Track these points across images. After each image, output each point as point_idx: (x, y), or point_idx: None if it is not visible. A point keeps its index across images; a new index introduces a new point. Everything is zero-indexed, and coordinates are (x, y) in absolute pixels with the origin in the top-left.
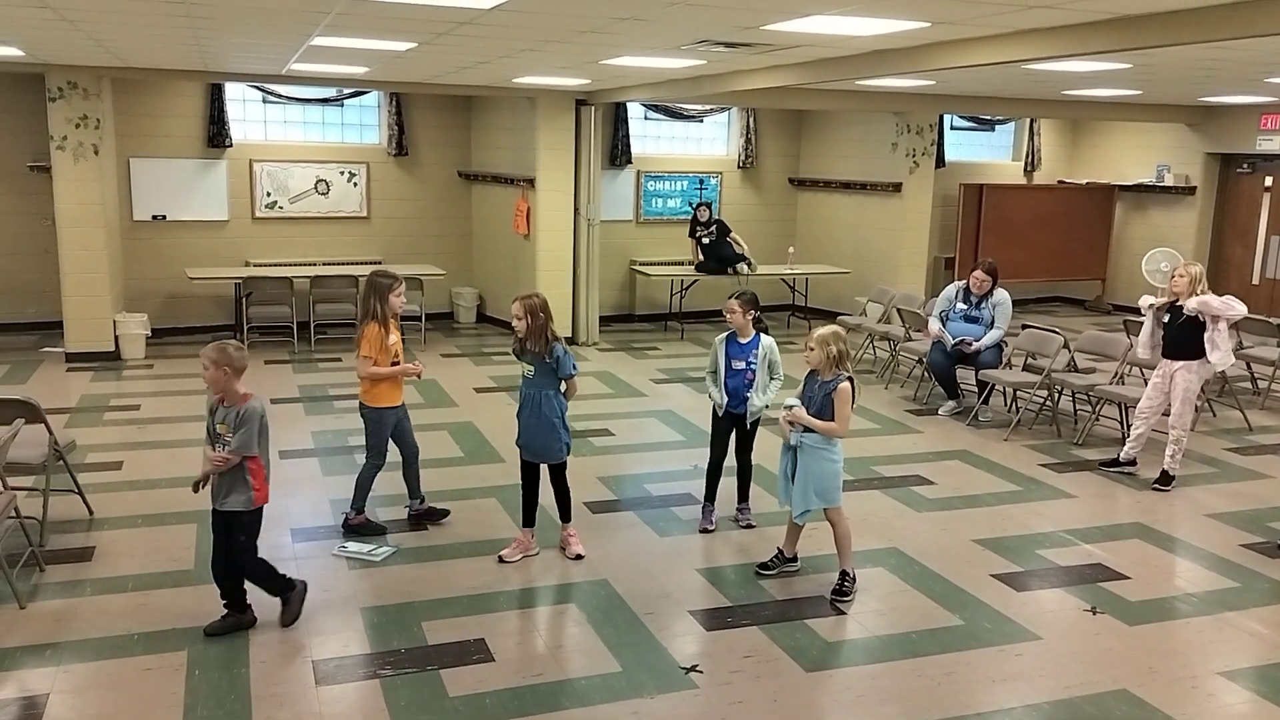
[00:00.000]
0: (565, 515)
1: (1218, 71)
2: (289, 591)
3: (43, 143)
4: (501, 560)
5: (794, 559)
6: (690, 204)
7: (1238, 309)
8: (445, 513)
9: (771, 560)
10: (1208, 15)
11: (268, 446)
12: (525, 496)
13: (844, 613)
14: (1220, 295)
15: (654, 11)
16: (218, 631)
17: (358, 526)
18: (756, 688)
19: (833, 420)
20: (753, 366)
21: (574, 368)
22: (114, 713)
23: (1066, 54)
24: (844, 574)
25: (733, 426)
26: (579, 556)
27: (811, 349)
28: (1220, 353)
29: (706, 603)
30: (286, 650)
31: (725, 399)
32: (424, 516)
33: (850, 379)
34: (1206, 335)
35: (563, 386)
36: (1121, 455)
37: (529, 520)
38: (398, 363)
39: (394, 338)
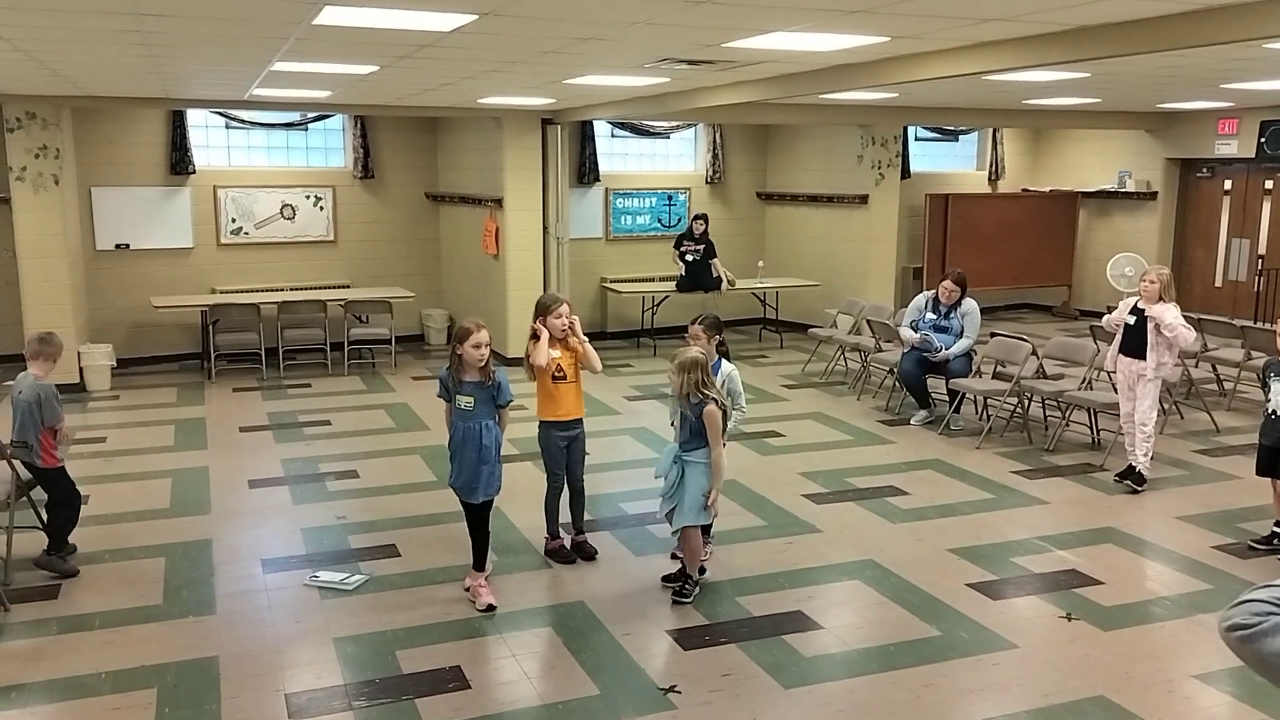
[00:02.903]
0: (481, 562)
1: (1175, 79)
2: None
3: (1, 174)
4: (490, 608)
5: (698, 577)
6: (659, 220)
7: (1185, 336)
8: (593, 554)
9: (687, 589)
10: (1163, 25)
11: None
12: (478, 539)
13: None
14: (1181, 313)
15: (614, 31)
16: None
17: (553, 552)
18: (736, 706)
19: (707, 443)
20: None
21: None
22: None
23: (1025, 65)
24: (688, 578)
25: None
26: (491, 608)
27: (674, 375)
28: (1154, 360)
29: (684, 621)
30: (258, 684)
31: None
32: (575, 549)
33: (715, 400)
34: (1150, 341)
35: (497, 416)
36: (1141, 470)
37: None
38: (560, 377)
39: (556, 353)
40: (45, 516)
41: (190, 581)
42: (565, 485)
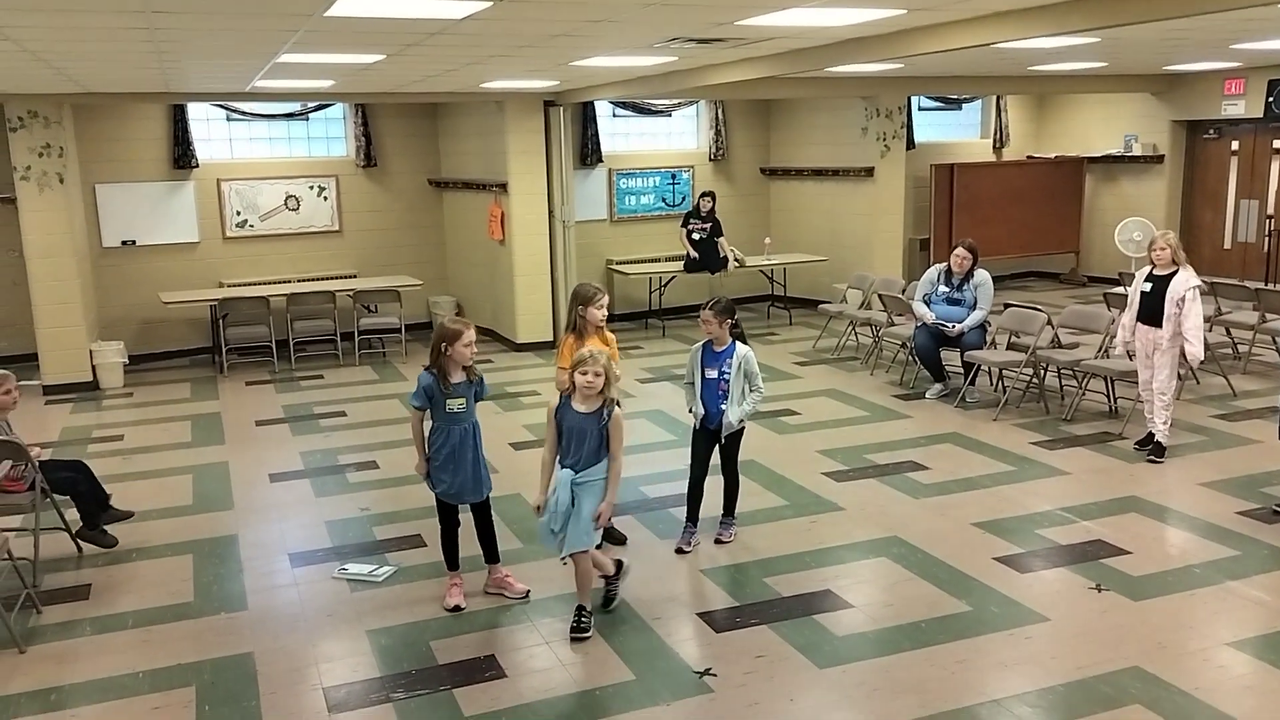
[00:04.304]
0: (495, 555)
1: (1186, 41)
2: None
3: (5, 173)
4: (459, 609)
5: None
6: (663, 199)
7: (1194, 352)
8: (623, 539)
9: (579, 621)
10: None
11: None
12: (452, 542)
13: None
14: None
15: (628, 13)
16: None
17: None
18: (772, 688)
19: (609, 452)
20: (725, 376)
21: None
22: None
23: (1043, 34)
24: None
25: (713, 441)
26: (527, 594)
27: (599, 375)
28: (1193, 347)
29: (714, 604)
30: (295, 679)
31: (703, 410)
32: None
33: (617, 402)
34: (1168, 318)
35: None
36: (1160, 439)
37: (457, 562)
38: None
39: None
40: (65, 517)
41: (219, 578)
42: None
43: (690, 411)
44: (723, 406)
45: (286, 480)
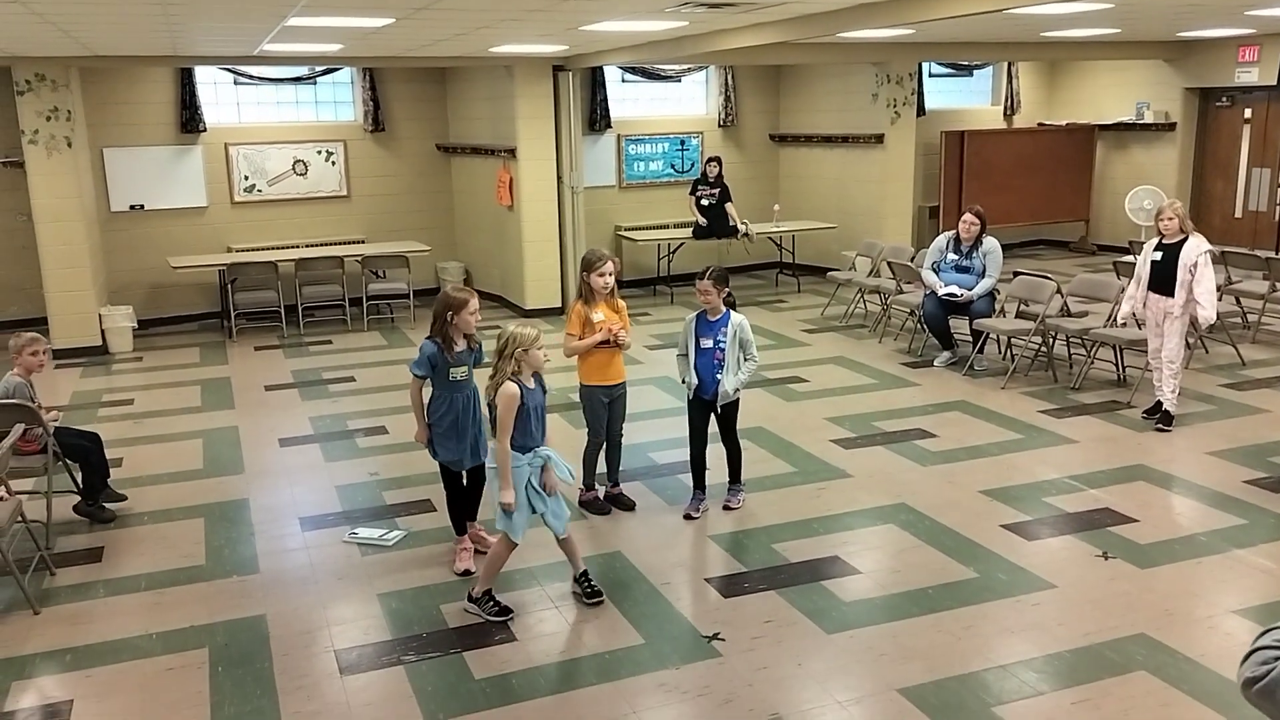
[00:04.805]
0: (474, 514)
1: (1199, 7)
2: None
3: (13, 137)
4: (468, 573)
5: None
6: (672, 166)
7: (1206, 315)
8: (631, 505)
9: (589, 587)
10: None
11: None
12: (459, 506)
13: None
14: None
15: None
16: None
17: (587, 503)
18: (780, 652)
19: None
20: (721, 346)
21: None
22: (141, 715)
23: None
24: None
25: (709, 411)
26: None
27: (542, 347)
28: (1205, 310)
29: (722, 569)
30: (307, 641)
31: (696, 381)
32: (612, 501)
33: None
34: (1181, 285)
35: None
36: (1168, 408)
37: (465, 527)
38: (606, 342)
39: (600, 315)
40: (77, 481)
41: (231, 541)
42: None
43: (684, 382)
44: (719, 376)
45: (296, 445)
